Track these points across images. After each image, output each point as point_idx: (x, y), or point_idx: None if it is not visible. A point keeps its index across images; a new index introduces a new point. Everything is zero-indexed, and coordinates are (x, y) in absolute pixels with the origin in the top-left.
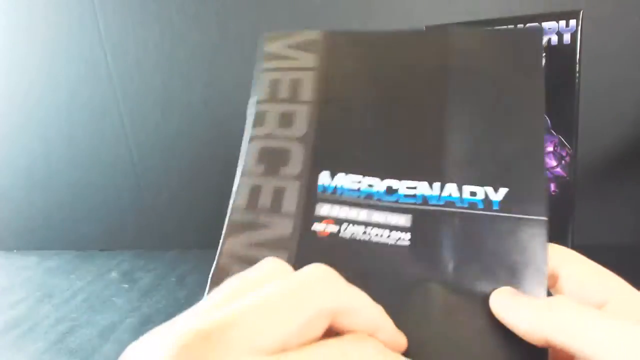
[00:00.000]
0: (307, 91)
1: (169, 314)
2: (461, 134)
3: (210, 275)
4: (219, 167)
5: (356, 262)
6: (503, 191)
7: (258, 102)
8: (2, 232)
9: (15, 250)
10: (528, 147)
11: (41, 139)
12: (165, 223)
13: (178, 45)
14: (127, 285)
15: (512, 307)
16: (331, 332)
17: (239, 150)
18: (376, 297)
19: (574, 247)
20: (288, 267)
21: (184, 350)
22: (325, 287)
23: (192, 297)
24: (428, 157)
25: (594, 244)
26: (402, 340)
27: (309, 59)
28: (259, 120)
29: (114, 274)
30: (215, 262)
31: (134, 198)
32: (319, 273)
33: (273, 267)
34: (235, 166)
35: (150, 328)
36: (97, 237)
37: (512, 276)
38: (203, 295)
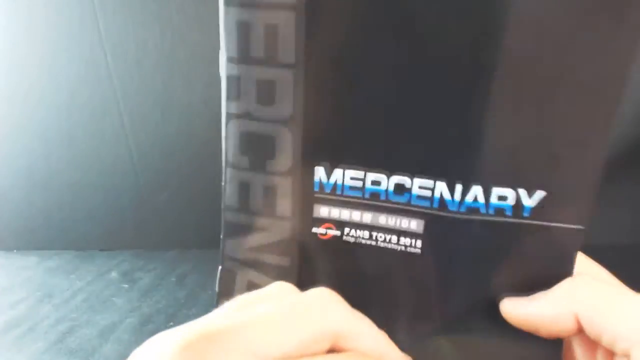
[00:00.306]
0: (288, 46)
1: (169, 314)
2: (503, 116)
3: (217, 280)
4: (219, 167)
5: (362, 269)
6: (539, 195)
7: (228, 61)
8: (2, 232)
9: (15, 250)
10: (586, 136)
11: (41, 139)
12: (165, 223)
13: (178, 45)
14: (127, 285)
15: (530, 301)
16: None
17: None
18: (383, 307)
19: None
20: (295, 289)
21: (186, 349)
22: (327, 308)
23: (192, 297)
24: (452, 146)
25: (594, 244)
26: None
27: None
28: (233, 89)
29: (114, 274)
30: (220, 267)
31: (134, 198)
32: (323, 295)
33: (282, 288)
34: None
35: (150, 328)
36: (97, 237)
37: (532, 292)
38: (203, 295)
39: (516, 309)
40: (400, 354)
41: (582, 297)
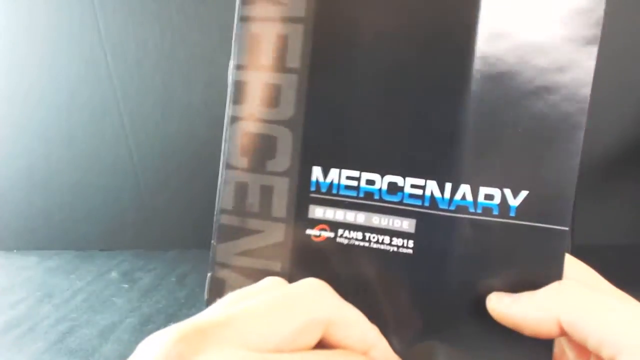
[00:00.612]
0: (294, 54)
1: (169, 314)
2: (484, 119)
3: (207, 286)
4: (219, 167)
5: (355, 271)
6: (523, 194)
7: (237, 68)
8: (2, 232)
9: (15, 250)
10: (561, 136)
11: (41, 139)
12: (165, 223)
13: (178, 45)
14: (127, 285)
15: (515, 300)
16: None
17: None
18: (376, 310)
19: (574, 247)
20: (286, 282)
21: (179, 341)
22: (317, 298)
23: (192, 297)
24: (441, 148)
25: (594, 244)
26: None
27: (296, 5)
28: (240, 94)
29: (114, 274)
30: (210, 273)
31: (134, 198)
32: (314, 285)
33: (272, 282)
34: None
35: (151, 328)
36: (97, 237)
37: (523, 291)
38: (203, 295)
39: (500, 306)
40: (390, 349)
41: (565, 302)
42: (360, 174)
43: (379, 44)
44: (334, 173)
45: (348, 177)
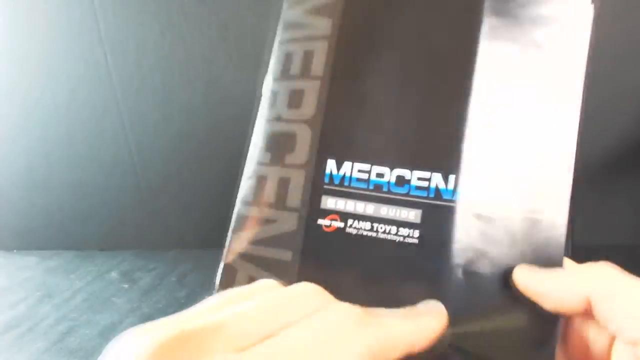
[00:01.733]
0: (319, 65)
1: (169, 313)
2: (486, 117)
3: (218, 275)
4: (219, 167)
5: (362, 260)
6: (521, 187)
7: (273, 80)
8: (2, 231)
9: (15, 250)
10: (556, 135)
11: (41, 138)
12: (165, 223)
13: (178, 45)
14: (127, 285)
15: (544, 274)
16: None
17: (239, 151)
18: (380, 300)
19: (574, 247)
20: (279, 285)
21: (162, 347)
22: (312, 301)
23: (193, 296)
24: (446, 143)
25: (594, 244)
26: None
27: (323, 26)
28: (271, 100)
29: (114, 274)
30: (222, 260)
31: (134, 198)
32: (307, 289)
33: (266, 285)
34: (235, 166)
35: None
36: (97, 237)
37: None
38: (203, 294)
39: (530, 279)
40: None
41: (597, 280)
42: (371, 167)
43: (390, 54)
44: (346, 166)
45: (359, 170)
